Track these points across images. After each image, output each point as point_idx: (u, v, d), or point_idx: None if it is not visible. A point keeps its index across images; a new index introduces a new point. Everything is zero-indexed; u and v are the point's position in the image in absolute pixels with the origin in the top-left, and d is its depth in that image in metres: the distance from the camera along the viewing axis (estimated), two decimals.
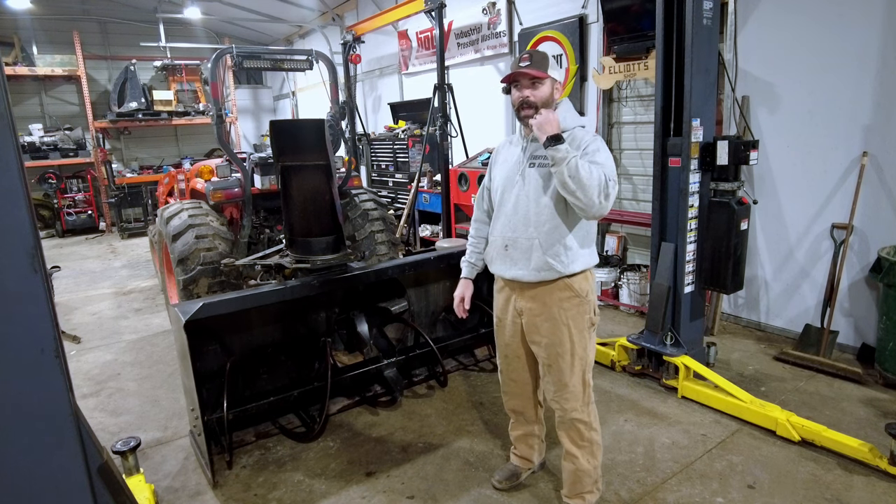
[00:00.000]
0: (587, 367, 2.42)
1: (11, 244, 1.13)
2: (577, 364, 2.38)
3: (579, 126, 2.36)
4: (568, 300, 2.33)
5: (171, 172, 6.80)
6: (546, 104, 2.30)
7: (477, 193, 2.69)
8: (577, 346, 2.37)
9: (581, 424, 2.46)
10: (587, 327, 2.39)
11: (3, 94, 1.11)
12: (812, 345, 4.06)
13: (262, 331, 3.46)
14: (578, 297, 2.34)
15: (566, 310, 2.34)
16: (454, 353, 4.27)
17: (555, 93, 2.33)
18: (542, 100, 2.29)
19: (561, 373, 2.39)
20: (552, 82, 2.31)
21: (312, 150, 3.41)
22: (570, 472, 2.54)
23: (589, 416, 2.46)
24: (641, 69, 4.91)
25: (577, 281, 2.33)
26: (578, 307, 2.35)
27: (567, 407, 2.44)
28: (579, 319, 2.36)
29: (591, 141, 2.27)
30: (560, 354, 2.38)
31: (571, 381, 2.40)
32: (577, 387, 2.41)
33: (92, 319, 5.71)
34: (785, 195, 4.36)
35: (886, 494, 2.66)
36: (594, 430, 2.49)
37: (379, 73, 9.61)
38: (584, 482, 2.52)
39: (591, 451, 2.49)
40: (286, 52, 6.12)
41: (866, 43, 3.76)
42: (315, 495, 2.83)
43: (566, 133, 2.25)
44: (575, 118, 2.38)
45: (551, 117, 2.18)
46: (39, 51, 10.70)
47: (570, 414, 2.44)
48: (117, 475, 1.42)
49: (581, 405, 2.44)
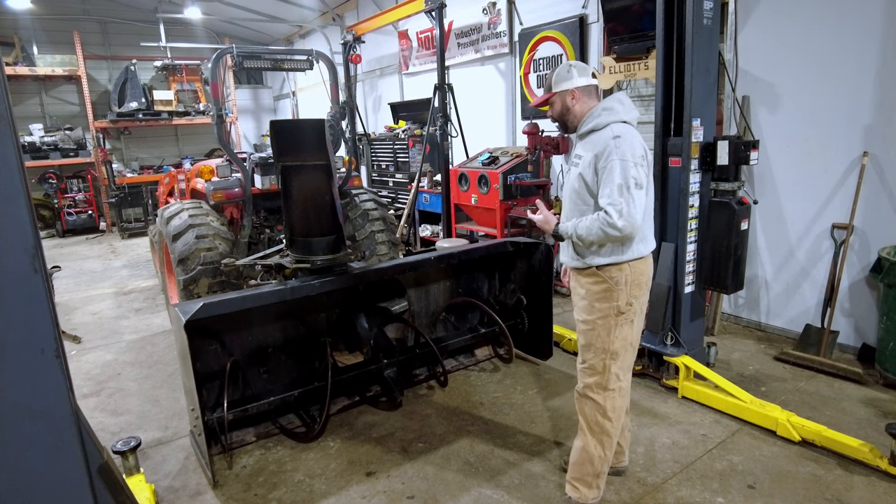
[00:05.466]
0: (609, 353, 2.47)
1: (12, 244, 1.13)
2: (599, 344, 2.47)
3: (619, 122, 2.37)
4: (597, 284, 2.46)
5: (171, 172, 6.80)
6: (564, 115, 2.52)
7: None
8: (599, 328, 2.46)
9: (593, 403, 2.52)
10: (613, 314, 2.44)
11: (4, 94, 1.11)
12: (812, 345, 4.06)
13: (262, 331, 3.46)
14: (607, 283, 2.43)
15: (595, 292, 2.47)
16: (454, 353, 4.27)
17: (570, 101, 2.48)
18: (557, 114, 2.55)
19: (584, 348, 2.55)
20: (561, 96, 2.49)
21: (313, 150, 3.41)
22: (577, 448, 2.61)
23: (605, 400, 2.50)
24: (642, 69, 4.91)
25: (608, 270, 2.43)
26: (606, 292, 2.43)
27: (585, 381, 2.55)
28: (605, 303, 2.44)
29: (608, 149, 2.29)
30: (584, 331, 2.52)
31: (591, 358, 2.51)
32: (597, 367, 2.50)
33: (92, 319, 5.72)
34: (785, 195, 4.36)
35: (887, 495, 2.66)
36: (608, 420, 2.51)
37: (379, 73, 9.61)
38: (585, 466, 2.56)
39: (599, 437, 2.53)
40: (286, 52, 6.13)
41: (866, 43, 3.75)
42: (315, 495, 2.83)
43: (598, 131, 2.39)
44: (611, 115, 2.38)
45: (541, 221, 2.56)
46: (40, 51, 10.71)
47: (584, 390, 2.54)
48: (117, 475, 1.42)
49: (596, 385, 2.50)
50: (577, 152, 2.49)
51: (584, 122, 2.45)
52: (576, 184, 2.44)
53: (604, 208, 2.27)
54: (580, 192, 2.42)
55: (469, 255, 3.94)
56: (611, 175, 2.26)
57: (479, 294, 4.41)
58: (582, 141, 2.48)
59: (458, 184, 6.31)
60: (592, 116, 2.42)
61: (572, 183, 2.48)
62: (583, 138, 2.47)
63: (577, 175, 2.42)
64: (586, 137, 2.45)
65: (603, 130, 2.37)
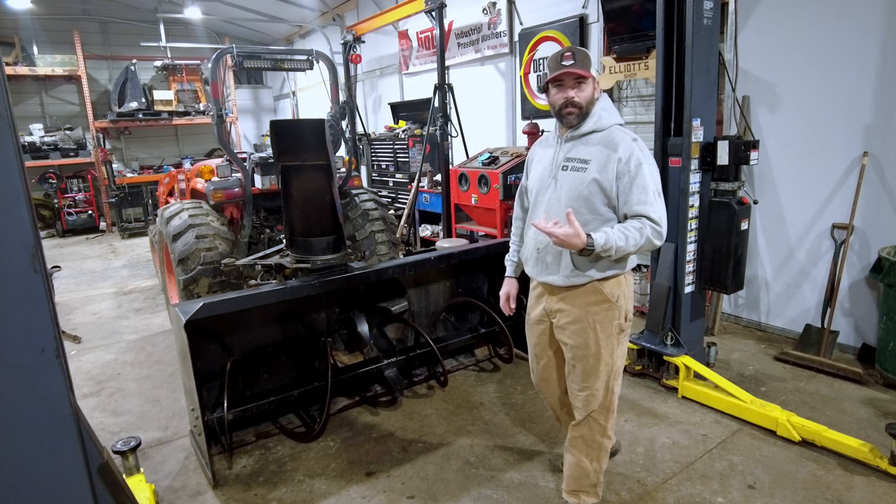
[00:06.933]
0: (613, 373, 2.37)
1: (12, 244, 1.13)
2: (603, 369, 2.34)
3: (617, 124, 2.29)
4: (596, 304, 2.30)
5: (171, 172, 6.81)
6: (589, 104, 2.26)
7: (517, 191, 2.70)
8: (603, 351, 2.32)
9: (596, 426, 2.41)
10: (615, 333, 2.33)
11: (4, 94, 1.11)
12: (812, 345, 4.06)
13: (262, 331, 3.46)
14: (608, 302, 2.29)
15: (594, 314, 2.30)
16: (454, 353, 4.27)
17: (595, 92, 2.28)
18: (586, 100, 2.24)
19: (585, 375, 2.36)
20: (594, 82, 2.26)
21: (313, 149, 3.41)
22: (570, 464, 2.51)
23: (606, 421, 2.41)
24: (642, 69, 4.91)
25: (608, 285, 2.29)
26: (607, 311, 2.30)
27: (588, 408, 2.40)
28: (607, 324, 2.31)
29: (632, 153, 2.16)
30: (585, 357, 2.34)
31: (595, 384, 2.36)
32: (600, 391, 2.36)
33: (92, 319, 5.71)
34: (785, 195, 4.36)
35: (887, 495, 2.66)
36: (607, 437, 2.44)
37: (379, 72, 9.61)
38: (581, 480, 2.50)
39: (596, 454, 2.45)
40: (286, 51, 6.12)
41: (866, 43, 3.75)
42: (315, 495, 2.83)
43: (602, 132, 2.25)
44: (612, 116, 2.30)
45: (571, 234, 2.05)
46: (40, 51, 10.70)
47: (590, 415, 2.41)
48: (117, 475, 1.42)
49: (601, 409, 2.39)
50: (573, 155, 2.27)
51: (587, 121, 2.27)
52: (584, 190, 2.20)
53: (648, 216, 2.12)
54: (589, 200, 2.21)
55: (469, 255, 3.94)
56: (643, 181, 2.14)
57: (479, 294, 4.41)
58: (577, 142, 2.28)
59: (458, 184, 6.31)
60: (594, 116, 2.27)
61: (576, 189, 2.23)
62: (577, 140, 2.29)
63: (590, 181, 2.19)
64: (584, 138, 2.27)
65: (608, 132, 2.24)
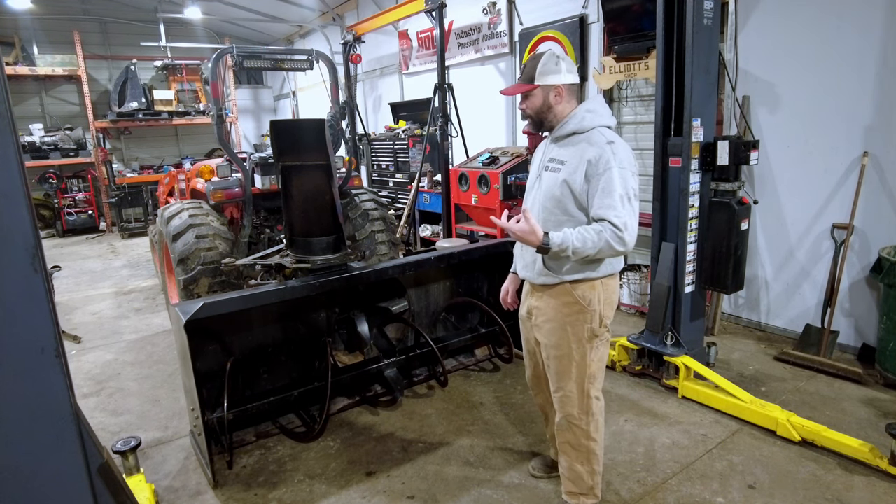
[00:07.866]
0: (586, 377, 2.34)
1: (12, 244, 1.13)
2: (575, 371, 2.33)
3: (604, 126, 2.25)
4: (567, 306, 2.29)
5: (171, 172, 6.81)
6: (542, 112, 2.28)
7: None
8: (574, 353, 2.31)
9: (578, 430, 2.40)
10: (587, 337, 2.30)
11: (4, 94, 1.11)
12: (812, 345, 4.06)
13: (262, 331, 3.46)
14: (578, 305, 2.28)
15: (565, 315, 2.30)
16: (454, 353, 4.27)
17: (553, 98, 2.26)
18: (534, 109, 2.29)
19: (558, 376, 2.37)
20: (544, 90, 2.25)
21: (313, 149, 3.41)
22: (564, 468, 2.53)
23: (588, 425, 2.39)
24: (642, 69, 4.91)
25: (580, 288, 2.27)
26: (578, 315, 2.29)
27: (564, 411, 2.40)
28: (578, 327, 2.30)
29: (602, 155, 2.13)
30: (558, 357, 2.35)
31: (567, 385, 2.35)
32: (573, 393, 2.35)
33: (92, 319, 5.71)
34: (785, 195, 4.36)
35: (887, 495, 2.66)
36: (593, 441, 2.42)
37: (379, 72, 9.61)
38: (577, 483, 2.50)
39: (586, 458, 2.44)
40: (286, 51, 6.13)
41: (866, 43, 3.75)
42: (315, 495, 2.83)
43: (583, 134, 2.23)
44: (596, 118, 2.26)
45: (526, 231, 2.07)
46: (40, 51, 10.70)
47: (567, 418, 2.40)
48: (117, 475, 1.42)
49: (579, 412, 2.37)
50: (554, 156, 2.29)
51: (565, 124, 2.27)
52: (557, 191, 2.22)
53: (609, 220, 2.07)
54: (561, 201, 2.22)
55: (469, 255, 3.94)
56: (610, 184, 2.10)
57: (479, 294, 4.41)
58: (559, 144, 2.31)
59: (459, 184, 6.31)
60: (575, 118, 2.25)
61: (550, 190, 2.25)
62: (560, 141, 2.30)
63: (562, 182, 2.21)
64: (565, 140, 2.28)
65: (589, 134, 2.22)
